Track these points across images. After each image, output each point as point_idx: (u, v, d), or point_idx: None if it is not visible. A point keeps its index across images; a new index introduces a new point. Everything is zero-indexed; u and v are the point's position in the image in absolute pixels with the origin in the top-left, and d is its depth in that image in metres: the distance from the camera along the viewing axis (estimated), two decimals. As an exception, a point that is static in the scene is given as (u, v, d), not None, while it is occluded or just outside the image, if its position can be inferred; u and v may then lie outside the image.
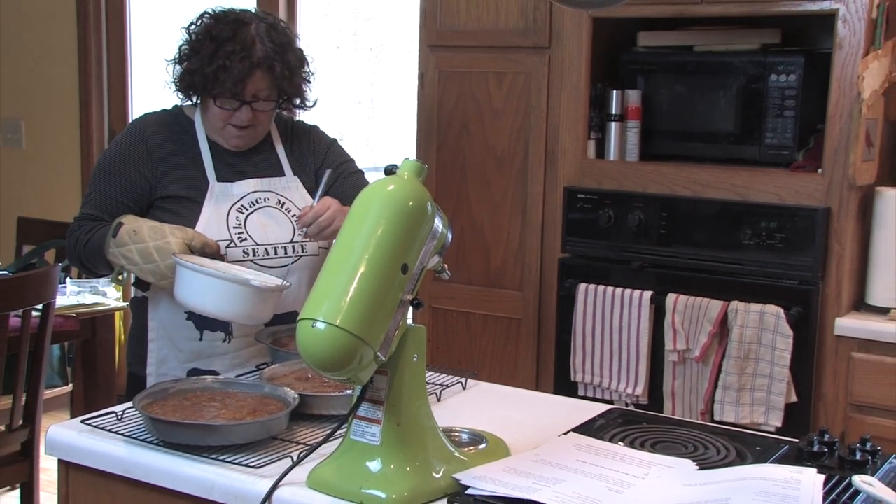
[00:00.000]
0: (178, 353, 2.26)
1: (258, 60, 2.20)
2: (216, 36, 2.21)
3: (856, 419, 2.82)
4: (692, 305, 2.93)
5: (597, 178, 3.17)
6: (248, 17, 2.26)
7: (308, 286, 2.32)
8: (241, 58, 2.19)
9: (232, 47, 2.19)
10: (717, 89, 3.06)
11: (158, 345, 2.28)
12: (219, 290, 2.01)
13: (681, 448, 1.71)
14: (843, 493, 1.50)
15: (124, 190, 2.25)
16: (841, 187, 2.82)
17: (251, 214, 2.28)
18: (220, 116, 2.26)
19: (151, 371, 2.28)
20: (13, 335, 3.02)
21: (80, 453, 1.73)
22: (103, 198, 2.26)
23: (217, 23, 2.24)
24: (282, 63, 2.24)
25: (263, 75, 2.22)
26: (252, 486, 1.55)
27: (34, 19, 5.05)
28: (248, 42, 2.21)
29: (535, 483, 1.48)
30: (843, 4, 2.77)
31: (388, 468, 1.51)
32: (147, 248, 2.11)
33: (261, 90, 2.24)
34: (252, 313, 2.06)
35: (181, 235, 2.12)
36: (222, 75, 2.18)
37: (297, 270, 2.28)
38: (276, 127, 2.42)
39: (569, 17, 3.19)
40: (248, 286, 2.02)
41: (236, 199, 2.28)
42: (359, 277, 1.44)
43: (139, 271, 2.14)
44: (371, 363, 1.46)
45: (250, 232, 2.26)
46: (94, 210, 2.26)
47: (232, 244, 2.23)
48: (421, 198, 1.52)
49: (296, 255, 2.29)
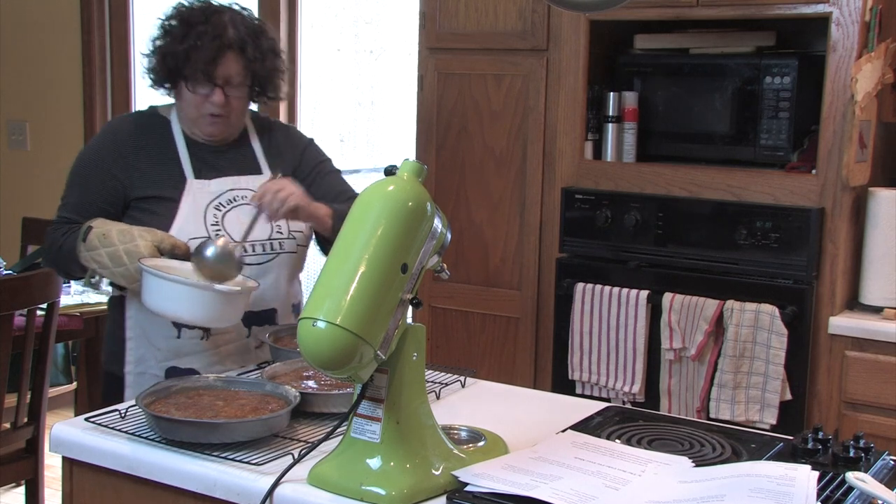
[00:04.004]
0: (155, 352, 2.22)
1: (230, 42, 2.19)
2: (187, 19, 2.21)
3: (849, 417, 2.82)
4: (688, 304, 2.93)
5: (594, 179, 3.17)
6: (221, 7, 2.26)
7: (287, 283, 2.30)
8: (212, 37, 2.18)
9: (203, 29, 2.19)
10: (712, 91, 3.06)
11: (136, 343, 2.24)
12: (184, 296, 1.98)
13: (677, 445, 1.71)
14: (836, 490, 1.50)
15: (98, 192, 2.22)
16: (835, 188, 2.82)
17: (229, 212, 2.24)
18: (193, 103, 2.23)
19: (129, 370, 2.25)
20: (18, 334, 3.02)
21: (84, 450, 1.73)
22: (78, 201, 2.23)
23: (191, 9, 2.24)
24: (254, 46, 2.23)
25: (236, 58, 2.21)
26: (254, 483, 1.55)
27: (38, 23, 5.04)
28: (221, 26, 2.20)
29: (533, 480, 1.48)
30: (837, 7, 2.77)
31: (387, 465, 1.51)
32: (116, 252, 2.08)
33: (233, 75, 2.22)
34: (219, 316, 2.03)
35: (150, 238, 2.09)
36: (194, 54, 2.17)
37: (275, 267, 2.26)
38: (253, 125, 2.39)
39: (566, 19, 3.19)
40: (213, 290, 1.99)
41: (214, 197, 2.24)
42: (359, 277, 1.44)
43: (110, 274, 2.11)
44: (371, 362, 1.46)
45: (228, 229, 2.21)
46: (69, 213, 2.23)
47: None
48: (420, 198, 1.52)
49: (274, 252, 2.26)
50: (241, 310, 2.09)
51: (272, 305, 2.26)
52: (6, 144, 5.22)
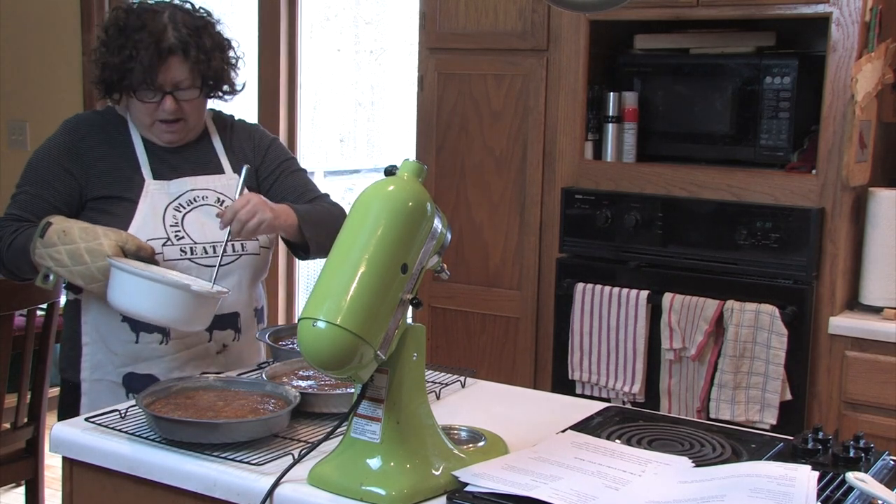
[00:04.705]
0: (112, 357, 2.15)
1: (170, 46, 2.11)
2: (125, 27, 2.12)
3: (849, 417, 2.82)
4: (688, 305, 2.93)
5: (594, 179, 3.17)
6: (160, 7, 2.17)
7: (249, 286, 2.24)
8: (148, 44, 2.09)
9: (140, 36, 2.10)
10: (712, 91, 3.06)
11: (92, 349, 2.16)
12: (156, 295, 1.92)
13: (677, 445, 1.71)
14: (836, 490, 1.50)
15: (53, 191, 2.14)
16: (835, 188, 2.82)
17: (189, 213, 2.17)
18: (144, 111, 2.16)
19: (85, 377, 2.17)
20: (18, 334, 3.01)
21: (84, 451, 1.73)
22: (30, 198, 2.14)
23: (128, 15, 2.15)
24: (196, 47, 2.14)
25: (180, 62, 2.12)
26: (254, 484, 1.55)
27: (38, 23, 5.04)
28: (159, 29, 2.11)
29: (533, 480, 1.48)
30: (837, 8, 2.77)
31: (387, 465, 1.51)
32: (77, 249, 1.99)
33: (180, 79, 2.14)
34: (190, 319, 1.97)
35: (114, 237, 2.01)
36: (130, 64, 2.09)
37: (236, 269, 2.19)
38: (214, 124, 2.32)
39: (566, 19, 3.19)
40: (188, 291, 1.94)
41: (173, 198, 2.18)
42: (359, 277, 1.43)
43: (68, 273, 2.01)
44: (371, 362, 1.46)
45: (188, 230, 2.15)
46: (19, 210, 2.14)
47: (168, 242, 2.12)
48: (420, 198, 1.52)
49: (235, 254, 2.19)
50: (211, 315, 2.03)
51: (234, 309, 2.19)
52: (6, 144, 5.23)
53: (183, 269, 2.12)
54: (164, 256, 2.12)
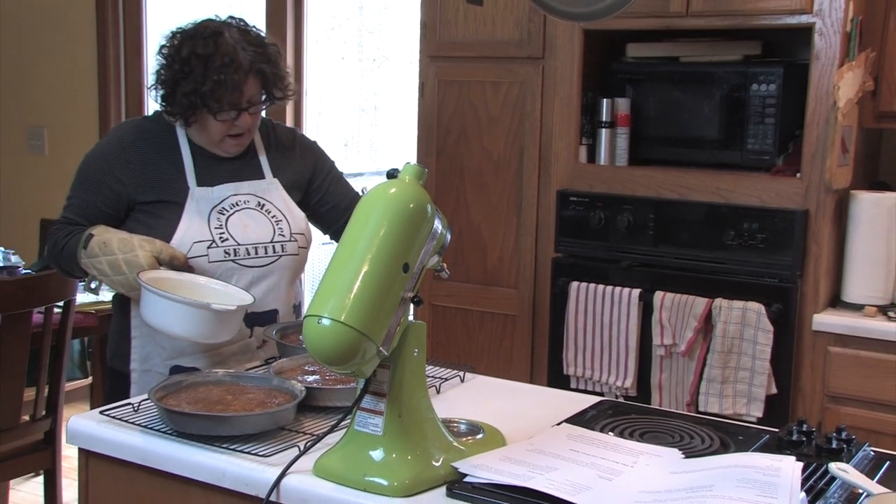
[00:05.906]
0: (160, 350, 2.17)
1: (248, 67, 2.14)
2: (202, 54, 2.12)
3: (832, 410, 2.82)
4: (678, 302, 2.92)
5: (588, 182, 3.17)
6: (218, 26, 2.18)
7: (288, 285, 2.27)
8: (230, 68, 2.11)
9: (220, 60, 2.11)
10: (701, 98, 3.06)
11: (141, 342, 2.19)
12: (180, 314, 1.94)
13: (667, 438, 1.71)
14: (820, 480, 1.50)
15: (102, 196, 2.18)
16: (818, 190, 2.81)
17: (232, 216, 2.20)
18: (220, 129, 2.18)
19: (135, 367, 2.20)
20: (36, 331, 3.02)
21: (99, 442, 1.73)
22: (82, 203, 2.19)
23: (196, 41, 2.14)
24: (267, 63, 2.18)
25: (255, 81, 2.17)
26: (261, 474, 1.54)
27: (56, 33, 5.04)
28: (231, 51, 2.13)
29: (529, 471, 1.48)
30: (820, 18, 2.77)
31: (390, 457, 1.50)
32: (116, 261, 2.04)
33: (254, 95, 2.18)
34: (213, 334, 1.98)
35: (150, 248, 2.05)
36: (219, 90, 2.11)
37: (277, 269, 2.22)
38: (258, 131, 2.33)
39: (561, 29, 3.19)
40: (208, 310, 1.95)
41: (217, 203, 2.20)
42: (362, 276, 1.43)
43: (110, 282, 2.08)
44: (374, 357, 1.46)
45: (231, 232, 2.18)
46: (73, 214, 2.19)
47: (214, 245, 2.15)
48: (421, 200, 1.52)
49: (276, 254, 2.22)
50: (236, 326, 2.04)
51: (274, 307, 2.23)
52: (26, 149, 5.22)
53: (226, 270, 2.16)
54: (209, 258, 2.14)
